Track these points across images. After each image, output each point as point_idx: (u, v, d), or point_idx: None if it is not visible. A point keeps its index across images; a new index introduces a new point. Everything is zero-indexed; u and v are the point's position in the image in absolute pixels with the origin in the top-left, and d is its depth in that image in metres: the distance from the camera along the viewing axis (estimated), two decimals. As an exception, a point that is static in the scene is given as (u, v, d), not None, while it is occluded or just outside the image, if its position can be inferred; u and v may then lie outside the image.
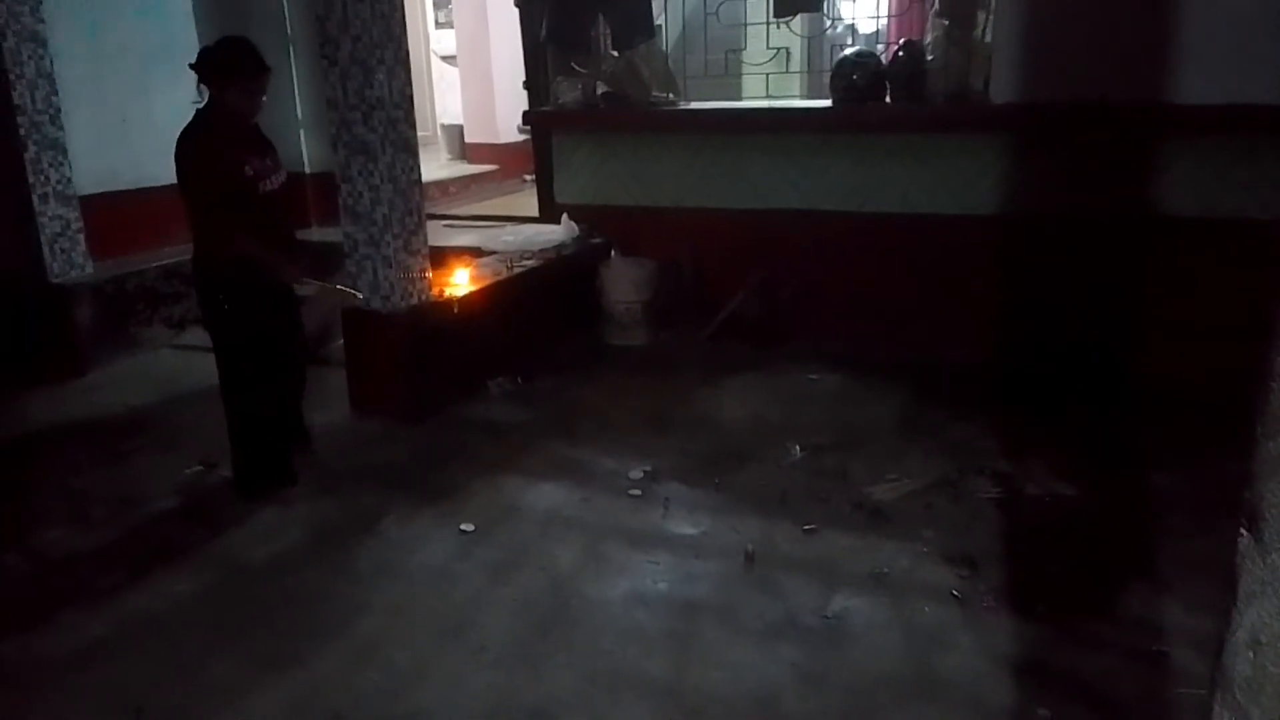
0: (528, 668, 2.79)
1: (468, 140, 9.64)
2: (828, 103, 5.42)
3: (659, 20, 6.07)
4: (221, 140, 3.53)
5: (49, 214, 5.38)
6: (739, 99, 6.48)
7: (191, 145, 3.52)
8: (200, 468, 4.13)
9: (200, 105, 3.59)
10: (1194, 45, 4.37)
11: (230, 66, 3.51)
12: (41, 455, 4.41)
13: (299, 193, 6.50)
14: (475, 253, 5.65)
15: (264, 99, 3.62)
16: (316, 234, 6.64)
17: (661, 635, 2.93)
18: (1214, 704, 1.10)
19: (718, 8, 5.83)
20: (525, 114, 6.27)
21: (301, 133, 7.03)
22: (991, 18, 4.94)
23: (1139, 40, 4.49)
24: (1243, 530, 1.02)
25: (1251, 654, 1.01)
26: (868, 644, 2.85)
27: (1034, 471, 3.87)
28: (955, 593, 3.08)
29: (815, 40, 6.41)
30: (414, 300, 4.56)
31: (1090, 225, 4.83)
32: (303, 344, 4.10)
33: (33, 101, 5.24)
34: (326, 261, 4.96)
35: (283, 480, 3.92)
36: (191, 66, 3.54)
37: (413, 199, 4.55)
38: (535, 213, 6.42)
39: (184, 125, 3.59)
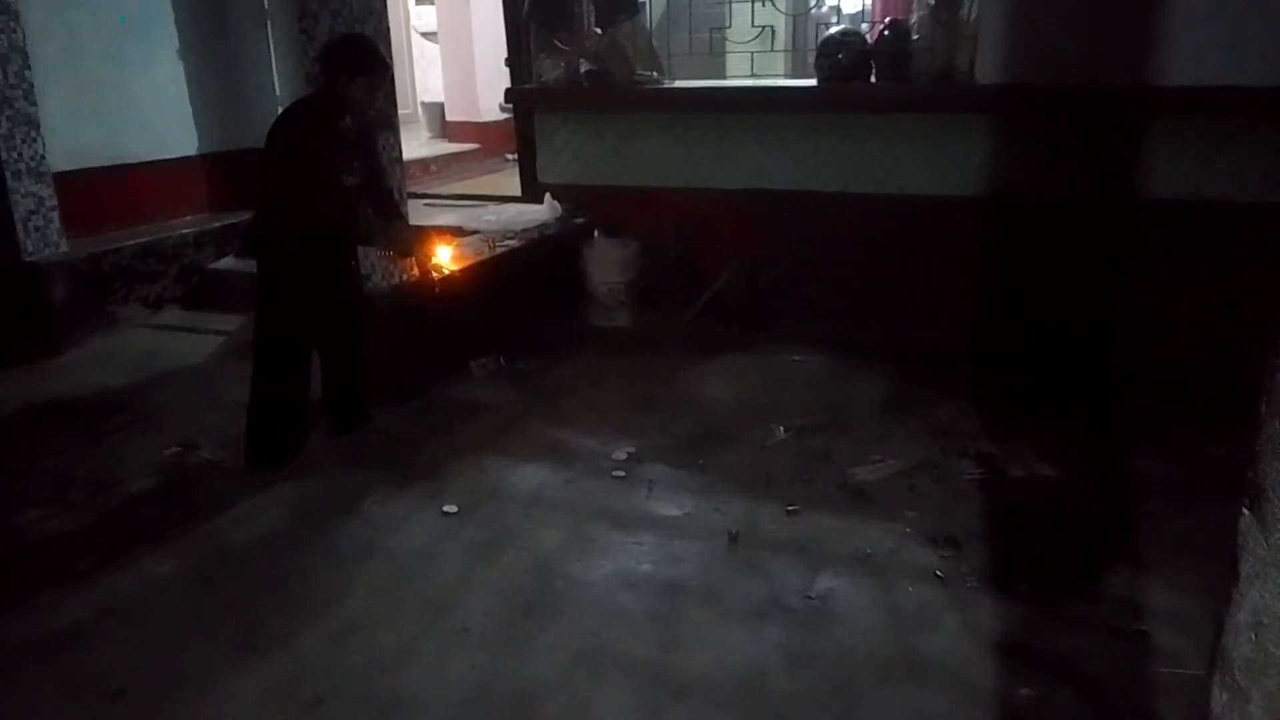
0: (512, 649, 2.78)
1: (449, 118, 9.56)
2: (813, 82, 5.40)
3: (643, -3, 6.01)
4: (332, 130, 3.64)
5: (22, 191, 5.29)
6: (723, 78, 6.44)
7: (311, 124, 3.63)
8: (179, 449, 4.09)
9: (316, 90, 3.75)
10: (1180, 27, 4.36)
11: (357, 63, 3.61)
12: (17, 436, 4.35)
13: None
14: (457, 232, 5.60)
15: (380, 96, 3.81)
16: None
17: (646, 616, 2.93)
18: (1212, 685, 1.09)
19: (702, -15, 5.79)
20: (507, 92, 6.21)
21: (279, 108, 6.92)
22: (977, -2, 4.93)
23: (1124, 22, 4.48)
24: (1244, 510, 1.01)
25: (1253, 635, 1.01)
26: (852, 624, 2.86)
27: (1017, 453, 3.88)
28: (939, 573, 3.09)
29: (800, 19, 6.38)
30: (395, 280, 4.51)
31: (1075, 207, 4.84)
32: (361, 327, 4.11)
33: (5, 76, 5.13)
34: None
35: (284, 456, 3.93)
36: (317, 59, 3.72)
37: (393, 177, 4.49)
38: (518, 192, 6.37)
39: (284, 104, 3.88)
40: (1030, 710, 2.50)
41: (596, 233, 5.74)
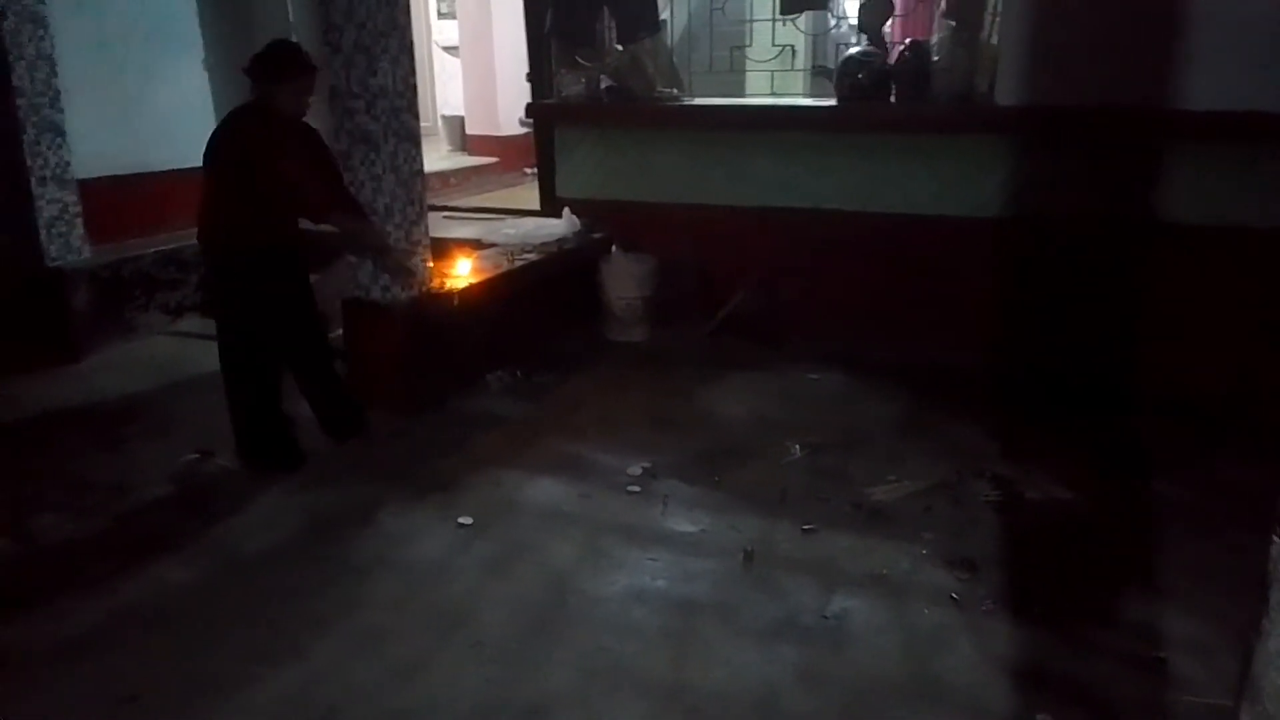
0: (525, 663, 2.77)
1: (469, 132, 9.59)
2: (832, 101, 5.40)
3: (664, 15, 6.03)
4: (280, 133, 3.72)
5: (47, 197, 5.35)
6: (743, 95, 6.46)
7: (258, 132, 3.69)
8: (196, 456, 4.10)
9: (248, 101, 3.79)
10: (1201, 51, 4.35)
11: (280, 69, 3.70)
12: (36, 440, 4.37)
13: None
14: (476, 245, 5.62)
15: (311, 98, 3.83)
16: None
17: (659, 633, 2.92)
18: (1240, 714, 1.08)
19: (723, 3, 5.81)
20: (528, 106, 6.24)
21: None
22: (998, 20, 4.93)
23: (1145, 45, 4.48)
24: (1276, 537, 1.00)
25: (1285, 663, 0.99)
26: (866, 645, 2.84)
27: (1034, 476, 3.86)
28: (954, 595, 3.07)
29: (820, 38, 6.39)
30: (414, 292, 4.53)
31: (1094, 230, 4.82)
32: (322, 336, 4.16)
33: (32, 84, 5.20)
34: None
35: (286, 460, 3.99)
36: (243, 70, 3.72)
37: (415, 190, 4.52)
38: (536, 206, 6.39)
39: (225, 115, 3.86)
40: (1046, 736, 2.48)
41: (614, 248, 5.75)
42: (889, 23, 5.62)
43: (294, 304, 3.95)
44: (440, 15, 10.66)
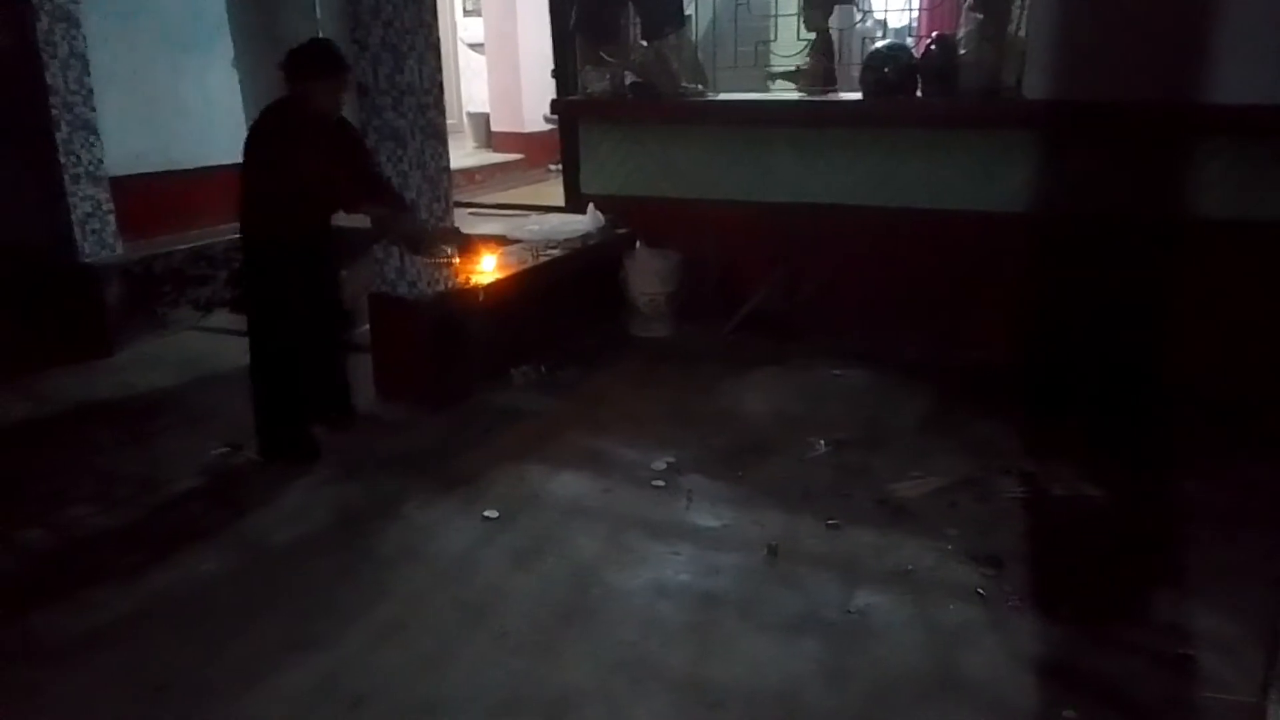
0: (549, 655, 2.79)
1: (494, 129, 9.64)
2: (858, 96, 5.38)
3: (689, 10, 6.03)
4: (313, 129, 3.78)
5: (80, 194, 5.43)
6: (768, 91, 6.44)
7: (287, 128, 3.74)
8: (226, 449, 4.15)
9: (282, 98, 3.82)
10: (1231, 44, 4.29)
11: (313, 66, 3.74)
12: (68, 434, 4.44)
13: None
14: (501, 241, 5.64)
15: (345, 96, 3.89)
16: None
17: (683, 627, 2.92)
18: (1268, 703, 1.07)
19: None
20: (553, 103, 6.26)
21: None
22: (1025, 13, 4.89)
23: (1174, 38, 4.42)
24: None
25: (1311, 654, 0.98)
26: (891, 641, 2.84)
27: (1060, 473, 3.83)
28: (980, 591, 3.06)
29: (846, 32, 6.36)
30: (440, 287, 4.56)
31: (1122, 226, 4.77)
32: (343, 321, 4.27)
33: (65, 82, 5.27)
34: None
35: (304, 455, 4.04)
36: (279, 66, 3.76)
37: (441, 186, 4.56)
38: (561, 202, 6.41)
39: (261, 111, 3.89)
40: (1072, 733, 2.47)
41: (638, 244, 5.76)
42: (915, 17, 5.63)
43: (318, 296, 4.02)
44: (466, 13, 10.70)
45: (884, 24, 8.21)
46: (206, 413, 4.56)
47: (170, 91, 6.13)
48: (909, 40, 6.49)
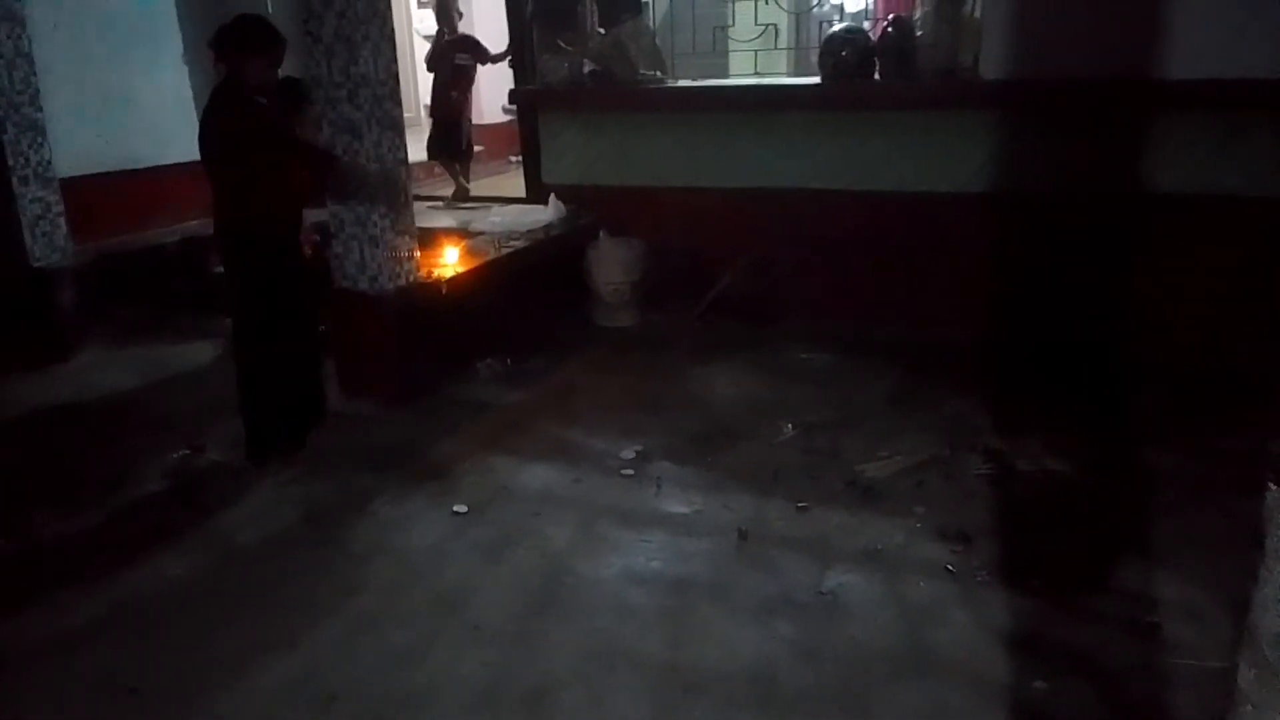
0: (523, 646, 2.78)
1: (452, 121, 9.54)
2: (816, 80, 5.39)
3: (646, -3, 6.03)
4: (260, 109, 3.73)
5: (29, 197, 5.32)
6: (727, 76, 6.44)
7: (237, 118, 3.66)
8: (188, 451, 4.09)
9: (218, 83, 3.73)
10: (1185, 19, 4.36)
11: (246, 41, 3.66)
12: (28, 439, 4.36)
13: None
14: (462, 233, 5.61)
15: (279, 70, 3.81)
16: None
17: (656, 613, 2.93)
18: (1239, 661, 1.09)
19: (705, -16, 5.79)
20: (511, 92, 6.22)
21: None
22: (980, -7, 4.92)
23: (1130, 15, 4.48)
24: (1271, 485, 1.01)
25: (1282, 609, 1.00)
26: (862, 619, 2.86)
27: (1027, 448, 3.87)
28: (949, 567, 3.09)
29: (803, 16, 6.38)
30: (401, 281, 4.52)
31: (1082, 202, 4.83)
32: (317, 314, 4.20)
33: (11, 82, 5.16)
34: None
35: (291, 444, 4.02)
36: (209, 44, 3.68)
37: (401, 178, 4.50)
38: (522, 193, 6.38)
39: (205, 104, 3.79)
40: (1043, 703, 2.49)
41: (601, 233, 5.74)
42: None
43: (291, 289, 3.96)
44: (420, 4, 10.61)
45: (841, 7, 8.25)
46: (167, 415, 4.49)
47: (120, 90, 6.03)
48: (866, 24, 6.51)
